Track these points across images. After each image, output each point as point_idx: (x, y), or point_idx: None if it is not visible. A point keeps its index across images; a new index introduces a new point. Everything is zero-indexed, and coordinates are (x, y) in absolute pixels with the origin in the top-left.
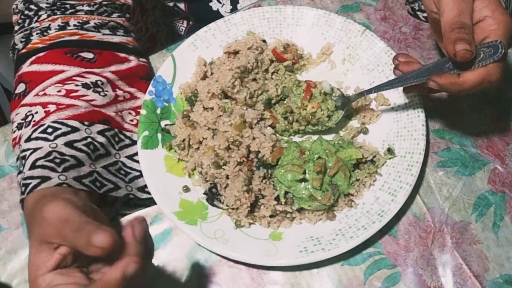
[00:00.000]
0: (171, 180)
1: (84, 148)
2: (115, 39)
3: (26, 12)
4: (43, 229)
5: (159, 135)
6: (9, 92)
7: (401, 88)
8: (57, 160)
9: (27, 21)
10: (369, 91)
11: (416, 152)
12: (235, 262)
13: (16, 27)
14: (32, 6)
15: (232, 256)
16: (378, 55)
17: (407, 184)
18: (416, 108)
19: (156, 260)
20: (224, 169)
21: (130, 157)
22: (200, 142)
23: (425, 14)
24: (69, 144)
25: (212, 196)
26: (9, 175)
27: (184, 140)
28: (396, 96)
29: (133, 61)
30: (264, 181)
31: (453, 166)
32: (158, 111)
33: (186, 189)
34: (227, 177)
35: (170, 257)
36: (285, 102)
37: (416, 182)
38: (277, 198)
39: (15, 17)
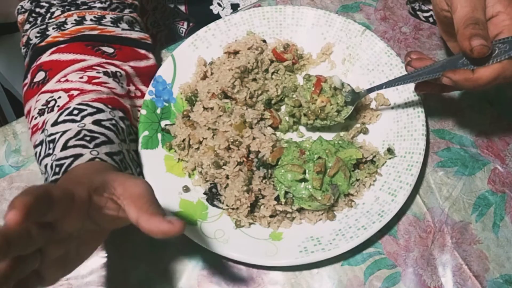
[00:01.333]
0: (171, 180)
1: (112, 127)
2: (134, 34)
3: (37, 9)
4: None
5: (159, 135)
6: (9, 92)
7: (401, 88)
8: (88, 138)
9: (39, 18)
10: (380, 86)
11: (416, 152)
12: (235, 262)
13: (27, 26)
14: (42, 3)
15: (232, 256)
16: (378, 55)
17: (407, 184)
18: (416, 108)
19: (156, 260)
20: (224, 169)
21: (136, 152)
22: (200, 142)
23: (425, 14)
24: (97, 123)
25: (212, 196)
26: (9, 175)
27: (184, 140)
28: (396, 96)
29: (152, 60)
30: (264, 181)
31: (453, 166)
32: (158, 111)
33: (186, 189)
34: (227, 177)
35: (170, 257)
36: (293, 96)
37: (416, 182)
38: (277, 198)
39: (21, 17)
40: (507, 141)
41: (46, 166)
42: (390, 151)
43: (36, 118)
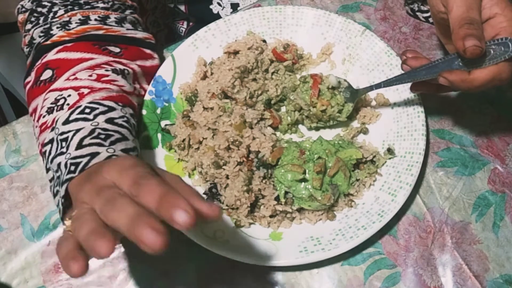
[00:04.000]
0: None
1: (125, 124)
2: (138, 34)
3: (39, 9)
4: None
5: (159, 135)
6: (9, 92)
7: (401, 88)
8: (102, 136)
9: (42, 18)
10: (378, 85)
11: (416, 152)
12: (235, 262)
13: (28, 25)
14: (44, 3)
15: (232, 257)
16: (378, 55)
17: (407, 184)
18: (416, 108)
19: (156, 260)
20: (224, 169)
21: None
22: (200, 142)
23: (425, 15)
24: (110, 121)
25: (212, 196)
26: (9, 175)
27: (184, 140)
28: (396, 96)
29: (156, 60)
30: (264, 181)
31: (453, 166)
32: (158, 111)
33: None
34: (227, 177)
35: (170, 257)
36: (292, 98)
37: (416, 182)
38: (277, 198)
39: (21, 16)
40: (507, 141)
41: (59, 164)
42: (390, 151)
43: (44, 116)
